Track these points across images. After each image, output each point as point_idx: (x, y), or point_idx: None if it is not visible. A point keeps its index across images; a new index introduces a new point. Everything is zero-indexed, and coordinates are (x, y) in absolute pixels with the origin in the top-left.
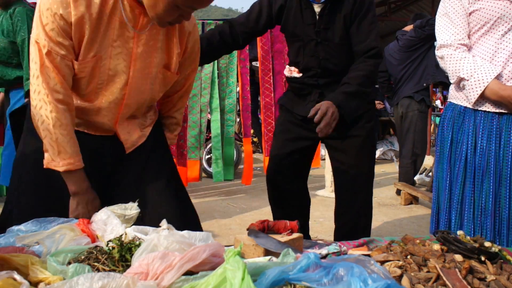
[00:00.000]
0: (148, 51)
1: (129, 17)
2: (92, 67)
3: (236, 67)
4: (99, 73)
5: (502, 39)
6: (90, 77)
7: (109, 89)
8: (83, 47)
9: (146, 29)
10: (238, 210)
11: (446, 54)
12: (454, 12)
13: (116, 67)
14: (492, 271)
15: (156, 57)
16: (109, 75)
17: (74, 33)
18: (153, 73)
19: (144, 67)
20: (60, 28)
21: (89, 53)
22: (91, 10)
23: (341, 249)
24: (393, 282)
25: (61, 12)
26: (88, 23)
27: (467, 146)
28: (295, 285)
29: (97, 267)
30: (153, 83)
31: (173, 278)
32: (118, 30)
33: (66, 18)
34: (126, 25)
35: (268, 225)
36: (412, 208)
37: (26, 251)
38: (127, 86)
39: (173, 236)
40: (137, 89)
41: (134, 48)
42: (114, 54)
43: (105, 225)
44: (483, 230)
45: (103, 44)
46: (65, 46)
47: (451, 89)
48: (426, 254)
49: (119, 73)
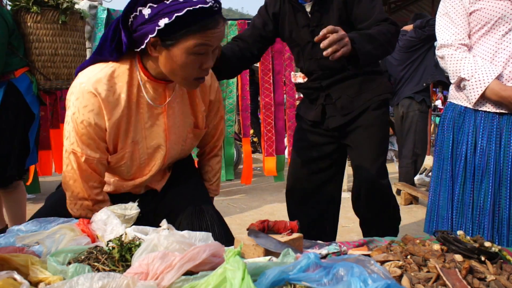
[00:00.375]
0: (179, 119)
1: (154, 98)
2: (130, 153)
3: None
4: (138, 156)
5: (503, 39)
6: (131, 162)
7: (151, 164)
8: (120, 140)
9: (171, 102)
10: (238, 210)
11: (447, 54)
12: (454, 12)
13: (153, 144)
14: (492, 271)
15: (185, 122)
16: (149, 153)
17: (109, 131)
18: (184, 136)
19: (177, 135)
20: (96, 135)
21: (126, 143)
22: (120, 101)
23: (341, 249)
24: (393, 282)
25: (96, 121)
26: (120, 114)
27: (467, 146)
28: (295, 285)
29: (97, 267)
30: (184, 144)
31: (173, 278)
32: (147, 112)
33: (100, 125)
34: (153, 106)
35: (268, 225)
36: (412, 208)
37: (26, 251)
38: (166, 156)
39: (173, 236)
40: (173, 156)
41: (165, 122)
42: (148, 134)
43: (105, 225)
44: (481, 230)
45: (137, 130)
46: (100, 149)
47: (451, 89)
48: (426, 254)
49: (157, 148)
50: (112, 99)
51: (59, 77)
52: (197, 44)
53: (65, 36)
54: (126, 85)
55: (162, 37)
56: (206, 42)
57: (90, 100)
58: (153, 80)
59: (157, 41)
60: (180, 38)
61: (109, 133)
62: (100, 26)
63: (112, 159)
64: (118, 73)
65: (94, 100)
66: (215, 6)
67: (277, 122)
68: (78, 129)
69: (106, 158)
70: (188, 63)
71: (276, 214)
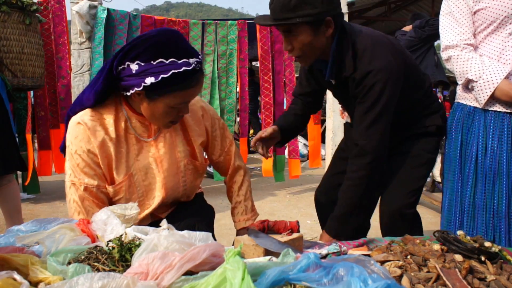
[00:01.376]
0: (170, 148)
1: (141, 132)
2: (127, 186)
3: (235, 67)
4: (136, 188)
5: (509, 37)
6: (129, 195)
7: (150, 197)
8: (114, 169)
9: (160, 133)
10: None
11: (453, 55)
12: (458, 11)
13: (148, 176)
14: (492, 271)
15: (179, 152)
16: (145, 186)
17: (101, 158)
18: (181, 167)
19: (171, 164)
20: (91, 161)
21: (120, 175)
22: (109, 133)
23: (341, 249)
24: (393, 282)
25: (87, 147)
26: (109, 144)
27: (477, 147)
28: (295, 285)
29: (97, 267)
30: (184, 175)
31: (173, 278)
32: (136, 145)
33: (92, 150)
34: (141, 140)
35: (268, 225)
36: None
37: (26, 251)
38: (163, 188)
39: (173, 236)
40: (172, 188)
41: (156, 152)
42: (141, 167)
43: (105, 225)
44: (496, 233)
45: (129, 162)
46: (97, 175)
47: (459, 90)
48: (426, 254)
49: (153, 180)
50: (99, 129)
51: (25, 74)
52: (178, 102)
53: (29, 37)
54: (113, 120)
55: (146, 91)
56: (186, 100)
57: (78, 131)
58: (138, 114)
59: (142, 93)
60: (163, 95)
61: (100, 157)
62: (100, 26)
63: (110, 190)
64: (105, 110)
65: (81, 129)
66: (197, 66)
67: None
68: (73, 159)
69: (105, 187)
70: (168, 113)
71: (276, 214)
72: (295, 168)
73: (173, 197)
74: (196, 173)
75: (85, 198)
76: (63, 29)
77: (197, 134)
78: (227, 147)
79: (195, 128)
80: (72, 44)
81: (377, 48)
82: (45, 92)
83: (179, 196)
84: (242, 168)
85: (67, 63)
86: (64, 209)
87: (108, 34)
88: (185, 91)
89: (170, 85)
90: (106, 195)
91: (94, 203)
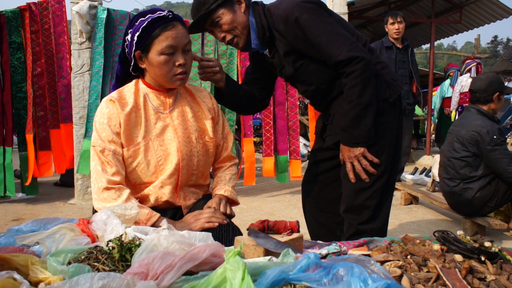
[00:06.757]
0: (183, 121)
1: (157, 105)
2: (145, 149)
3: (236, 67)
4: (154, 153)
5: None
6: (148, 159)
7: (168, 161)
8: (134, 133)
9: (174, 108)
10: (238, 210)
11: None
12: None
13: (165, 142)
14: (492, 271)
15: (191, 126)
16: (163, 151)
17: (124, 130)
18: (193, 139)
19: (184, 133)
20: (111, 131)
21: (139, 137)
22: (131, 105)
23: (341, 249)
24: (393, 282)
25: (111, 114)
26: (133, 114)
27: None
28: (295, 285)
29: (97, 267)
30: (196, 147)
31: (173, 278)
32: (154, 115)
33: (115, 117)
34: (158, 111)
35: (268, 225)
36: (412, 208)
37: (26, 251)
38: (179, 151)
39: (173, 236)
40: (187, 154)
41: (171, 122)
42: (159, 133)
43: (105, 225)
44: None
45: (148, 127)
46: (115, 142)
47: None
48: (426, 254)
49: (169, 146)
50: (123, 102)
51: None
52: (163, 46)
53: None
54: (133, 95)
55: (141, 49)
56: (170, 44)
57: (107, 105)
58: (154, 89)
59: (140, 54)
60: (151, 45)
61: (123, 123)
62: (100, 26)
63: (129, 151)
64: (127, 89)
65: (109, 103)
66: (169, 15)
67: (277, 122)
68: (97, 126)
69: (121, 154)
70: (162, 62)
71: (276, 214)
72: (296, 168)
73: (188, 166)
74: (207, 150)
75: (101, 158)
76: (63, 29)
77: (206, 109)
78: (225, 133)
79: (204, 107)
80: (72, 44)
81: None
82: (45, 92)
83: (193, 168)
84: (235, 159)
85: (67, 63)
86: (64, 209)
87: (108, 34)
88: (165, 33)
89: (152, 31)
90: (120, 163)
91: (109, 164)
